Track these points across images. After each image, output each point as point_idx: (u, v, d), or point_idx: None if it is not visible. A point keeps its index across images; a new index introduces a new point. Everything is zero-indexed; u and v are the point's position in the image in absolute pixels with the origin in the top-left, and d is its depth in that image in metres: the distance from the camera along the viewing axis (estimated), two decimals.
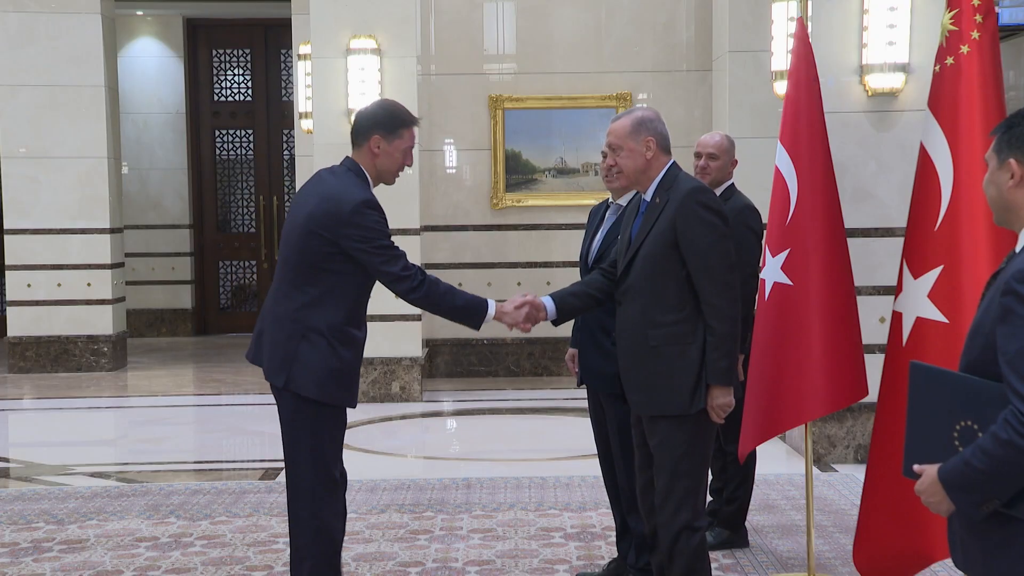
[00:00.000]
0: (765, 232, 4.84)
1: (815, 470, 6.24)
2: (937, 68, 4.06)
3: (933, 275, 3.95)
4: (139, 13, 13.10)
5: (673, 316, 3.67)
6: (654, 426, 3.75)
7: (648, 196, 3.82)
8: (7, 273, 10.48)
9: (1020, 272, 2.27)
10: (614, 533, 4.63)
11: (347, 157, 3.94)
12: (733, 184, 4.96)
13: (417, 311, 8.60)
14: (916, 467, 2.41)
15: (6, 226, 10.41)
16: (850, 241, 4.52)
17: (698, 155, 4.93)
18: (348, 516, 5.45)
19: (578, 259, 4.70)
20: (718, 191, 4.92)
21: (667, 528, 3.74)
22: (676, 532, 3.71)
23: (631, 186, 3.97)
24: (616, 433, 4.31)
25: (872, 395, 4.34)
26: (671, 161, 3.85)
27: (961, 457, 2.30)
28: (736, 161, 4.98)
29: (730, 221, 4.79)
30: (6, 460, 7.07)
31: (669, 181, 3.78)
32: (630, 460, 4.17)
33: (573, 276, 4.52)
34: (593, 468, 5.16)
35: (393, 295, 4.05)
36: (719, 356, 3.62)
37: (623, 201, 4.32)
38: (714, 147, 4.89)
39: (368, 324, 3.95)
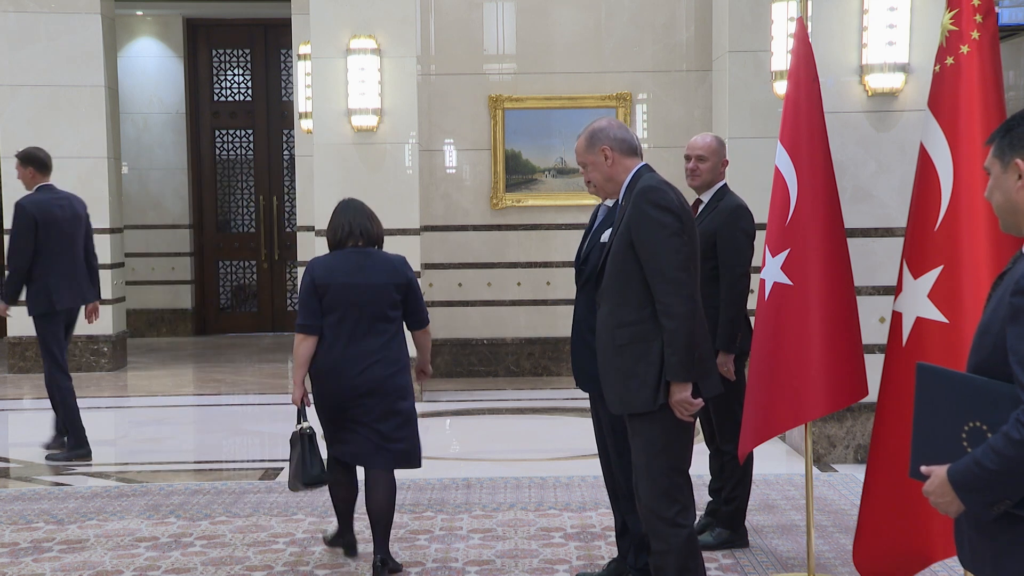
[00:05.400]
0: (757, 232, 4.86)
1: (815, 470, 6.24)
2: (937, 68, 4.05)
3: (933, 275, 3.94)
4: (139, 13, 13.11)
5: (636, 315, 3.71)
6: (631, 425, 3.80)
7: (620, 199, 3.88)
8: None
9: None
10: (614, 533, 4.63)
11: None
12: (726, 184, 4.97)
13: None
14: (924, 468, 2.39)
15: (6, 226, 10.40)
16: (850, 241, 4.52)
17: (687, 157, 4.94)
18: None
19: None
20: (710, 192, 4.94)
21: (651, 525, 3.77)
22: (661, 530, 3.74)
23: (608, 196, 4.01)
24: (611, 433, 4.31)
25: (872, 395, 4.34)
26: (640, 164, 3.87)
27: (971, 457, 2.28)
28: (727, 161, 4.99)
29: (722, 221, 4.83)
30: (6, 460, 7.07)
31: (634, 183, 3.82)
32: (627, 460, 4.18)
33: (572, 276, 4.52)
34: (593, 468, 5.16)
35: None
36: (671, 352, 3.64)
37: (609, 203, 4.34)
38: (703, 149, 4.90)
39: None
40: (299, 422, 4.70)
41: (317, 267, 4.65)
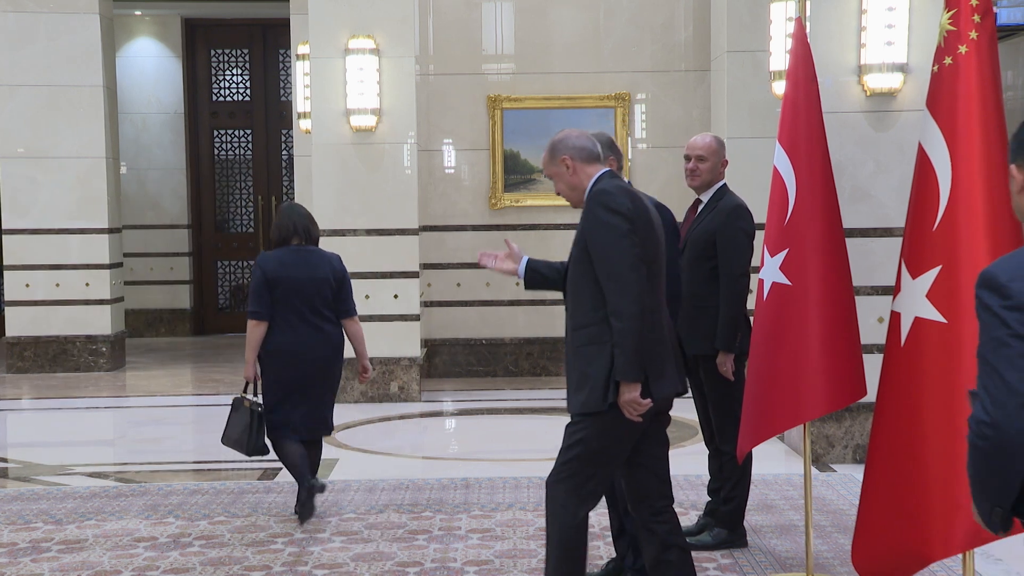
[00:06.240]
0: (756, 232, 4.85)
1: (813, 470, 6.24)
2: (935, 68, 4.05)
3: (931, 275, 3.94)
4: (137, 13, 13.11)
5: (591, 317, 3.74)
6: (579, 424, 3.80)
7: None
8: (6, 273, 10.48)
9: (980, 277, 2.26)
10: (611, 534, 4.63)
11: None
12: (725, 184, 4.98)
13: (416, 311, 8.60)
14: None
15: (5, 226, 10.41)
16: (848, 241, 4.52)
17: (687, 157, 4.94)
18: (346, 516, 5.46)
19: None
20: (710, 192, 4.95)
21: (548, 507, 3.80)
22: (552, 504, 3.78)
23: (576, 205, 3.97)
24: None
25: (871, 395, 4.34)
26: (602, 170, 3.86)
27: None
28: (727, 161, 5.00)
29: (722, 221, 4.84)
30: (5, 460, 7.07)
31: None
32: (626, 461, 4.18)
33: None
34: None
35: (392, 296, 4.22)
36: (619, 352, 3.65)
37: None
38: (703, 149, 4.91)
39: (366, 324, 4.09)
40: (245, 392, 5.47)
41: (268, 262, 5.39)
